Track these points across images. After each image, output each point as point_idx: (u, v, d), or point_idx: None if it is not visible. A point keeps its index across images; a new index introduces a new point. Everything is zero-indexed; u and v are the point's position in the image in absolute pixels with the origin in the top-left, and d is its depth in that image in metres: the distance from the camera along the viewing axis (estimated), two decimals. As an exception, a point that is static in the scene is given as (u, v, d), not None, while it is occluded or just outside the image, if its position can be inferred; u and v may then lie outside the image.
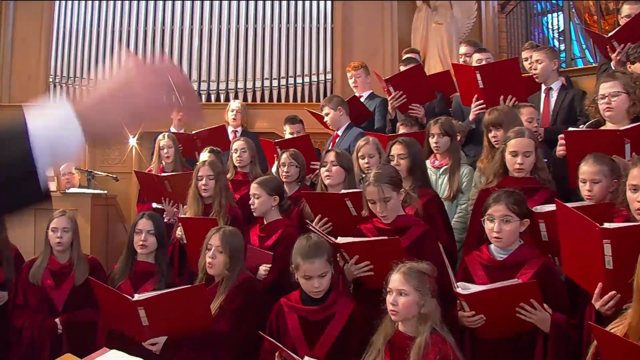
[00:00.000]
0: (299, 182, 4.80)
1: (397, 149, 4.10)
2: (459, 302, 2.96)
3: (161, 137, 5.68)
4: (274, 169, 5.17)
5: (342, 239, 3.39)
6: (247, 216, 4.52)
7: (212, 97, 7.85)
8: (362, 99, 5.96)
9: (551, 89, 5.03)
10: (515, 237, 3.14)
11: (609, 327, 2.44)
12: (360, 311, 3.22)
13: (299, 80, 7.75)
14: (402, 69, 5.91)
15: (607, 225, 2.65)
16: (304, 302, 3.24)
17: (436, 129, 4.45)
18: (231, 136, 6.51)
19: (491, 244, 3.19)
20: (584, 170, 3.35)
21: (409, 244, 3.39)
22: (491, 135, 4.17)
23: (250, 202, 4.24)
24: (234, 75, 7.85)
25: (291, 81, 7.77)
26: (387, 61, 7.59)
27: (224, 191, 4.51)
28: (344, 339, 3.15)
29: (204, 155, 5.17)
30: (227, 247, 3.54)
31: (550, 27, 8.00)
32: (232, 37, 7.94)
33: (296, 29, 7.88)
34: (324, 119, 5.56)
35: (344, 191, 4.00)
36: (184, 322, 3.29)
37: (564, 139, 3.76)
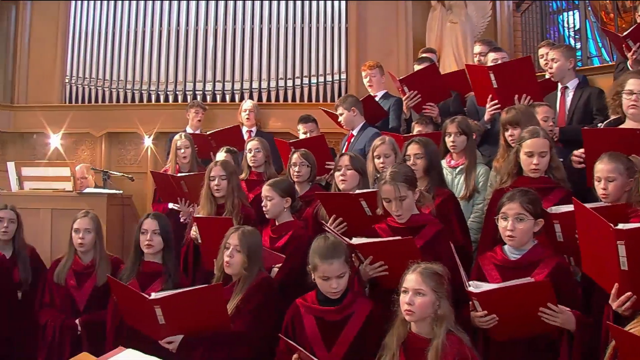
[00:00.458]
0: (310, 182, 4.80)
1: (413, 149, 4.09)
2: (471, 302, 2.94)
3: (178, 137, 5.69)
4: None
5: (356, 240, 3.38)
6: (261, 216, 4.52)
7: (227, 97, 7.86)
8: (377, 99, 5.95)
9: (567, 88, 4.99)
10: (528, 236, 3.12)
11: (627, 327, 2.43)
12: (378, 311, 3.20)
13: (314, 80, 7.74)
14: (416, 68, 5.89)
15: (621, 225, 2.62)
16: (320, 303, 3.22)
17: (453, 128, 4.43)
18: (246, 136, 6.54)
19: (505, 244, 3.17)
20: (599, 168, 3.34)
21: (423, 244, 3.38)
22: (508, 134, 4.15)
23: (262, 204, 4.24)
24: (249, 75, 7.86)
25: (305, 81, 7.76)
26: (402, 61, 7.56)
27: (237, 191, 4.51)
28: (362, 339, 3.13)
29: (221, 155, 5.17)
30: (245, 247, 3.54)
31: (565, 25, 7.94)
32: (246, 37, 7.95)
33: (310, 28, 7.87)
34: (338, 119, 5.55)
35: (358, 191, 3.99)
36: (201, 322, 3.29)
37: (579, 155, 3.75)
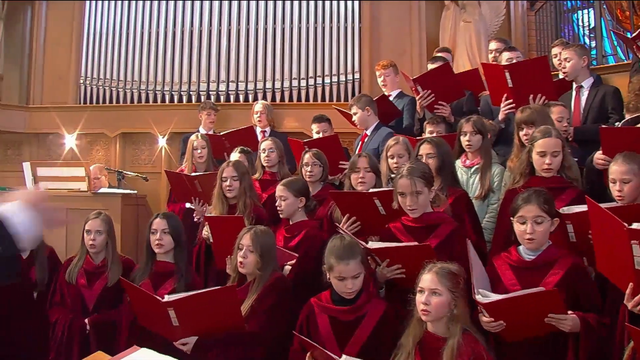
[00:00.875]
0: (322, 182, 4.80)
1: (425, 149, 4.09)
2: (479, 307, 2.94)
3: (194, 137, 5.71)
4: None
5: (373, 244, 3.38)
6: (274, 216, 4.53)
7: (241, 98, 7.87)
8: (391, 98, 5.94)
9: (582, 87, 4.97)
10: (547, 237, 3.10)
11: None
12: (392, 312, 3.20)
13: (327, 80, 7.74)
14: (430, 67, 5.88)
15: (635, 225, 2.60)
16: (334, 303, 3.23)
17: (469, 127, 4.41)
18: (260, 136, 6.54)
19: (519, 244, 3.15)
20: (614, 169, 3.31)
21: (438, 243, 3.37)
22: (522, 133, 4.13)
23: (276, 204, 4.25)
24: (262, 75, 7.87)
25: (319, 81, 7.77)
26: (415, 60, 7.55)
27: (249, 191, 4.52)
28: (375, 340, 3.13)
29: (234, 155, 5.19)
30: (258, 247, 3.54)
31: (580, 24, 7.87)
32: (260, 37, 7.97)
33: (324, 28, 7.88)
34: (352, 119, 5.55)
35: (372, 190, 3.99)
36: (214, 323, 3.29)
37: (603, 157, 3.73)
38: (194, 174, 5.15)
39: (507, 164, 4.31)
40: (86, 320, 4.11)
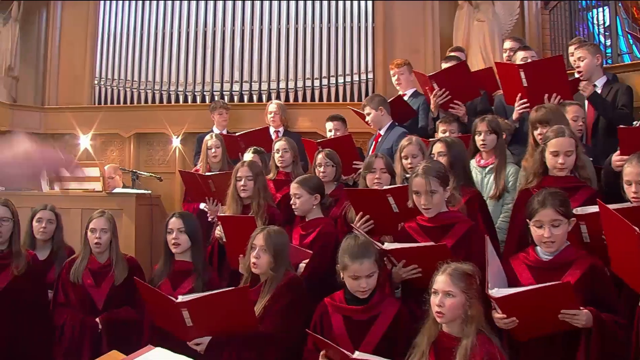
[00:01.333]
0: (336, 182, 4.81)
1: (437, 147, 4.11)
2: (493, 303, 2.93)
3: (209, 137, 5.73)
4: None
5: (388, 245, 3.38)
6: (288, 216, 4.54)
7: (254, 98, 7.88)
8: (406, 97, 5.93)
9: (595, 86, 4.93)
10: (565, 238, 3.07)
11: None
12: (406, 312, 3.20)
13: (341, 79, 7.73)
14: (443, 66, 5.86)
15: None
16: (348, 302, 3.23)
17: (483, 127, 4.41)
18: (273, 136, 6.55)
19: (536, 245, 3.14)
20: (629, 171, 3.28)
21: (454, 243, 3.36)
22: (537, 132, 4.10)
23: (291, 202, 4.25)
24: (276, 75, 7.87)
25: (333, 81, 7.75)
26: (429, 60, 7.52)
27: (263, 192, 4.52)
28: (389, 339, 3.13)
29: (248, 155, 5.20)
30: (271, 247, 3.54)
31: (595, 22, 7.81)
32: (273, 37, 7.97)
33: (337, 28, 7.86)
34: (366, 119, 5.54)
35: (386, 187, 3.98)
36: (228, 323, 3.29)
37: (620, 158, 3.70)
38: (207, 174, 5.16)
39: (521, 164, 4.29)
40: (97, 319, 4.11)
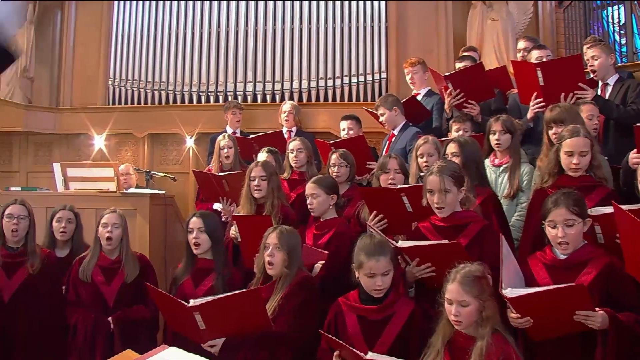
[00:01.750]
0: (350, 182, 4.80)
1: (450, 148, 4.09)
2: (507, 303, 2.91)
3: (221, 137, 5.75)
4: None
5: (402, 243, 3.36)
6: (302, 216, 4.53)
7: (267, 98, 7.90)
8: (420, 97, 5.92)
9: (607, 84, 4.90)
10: (580, 238, 3.05)
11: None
12: (420, 311, 3.19)
13: (354, 79, 7.73)
14: (457, 66, 5.84)
15: None
16: (362, 302, 3.22)
17: (498, 126, 4.39)
18: (286, 136, 6.55)
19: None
20: None
21: (468, 242, 3.34)
22: (552, 132, 4.08)
23: (308, 202, 4.25)
24: (289, 75, 7.88)
25: (346, 81, 7.76)
26: (442, 59, 7.51)
27: (276, 191, 4.51)
28: (404, 339, 3.12)
29: (262, 155, 5.20)
30: (285, 245, 3.55)
31: (610, 20, 7.76)
32: (286, 37, 7.99)
33: (350, 28, 7.87)
34: (380, 119, 5.53)
35: (399, 186, 3.98)
36: (241, 325, 3.30)
37: (635, 156, 3.67)
38: (221, 174, 5.17)
39: (536, 163, 4.26)
40: (110, 318, 4.12)
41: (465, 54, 6.28)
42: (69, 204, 4.72)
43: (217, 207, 5.23)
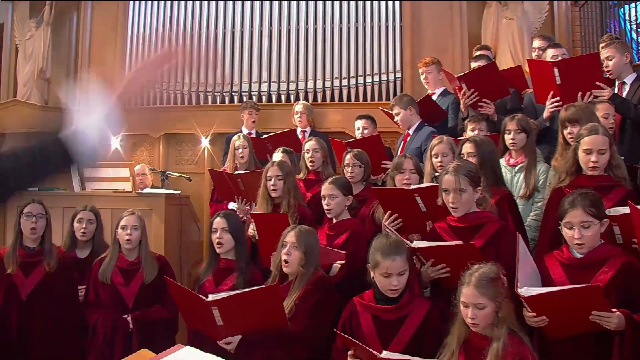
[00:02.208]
0: (364, 182, 4.80)
1: (466, 148, 4.06)
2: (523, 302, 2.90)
3: (236, 137, 5.75)
4: None
5: (417, 243, 3.36)
6: (317, 216, 4.54)
7: (282, 98, 7.89)
8: (435, 96, 5.89)
9: (624, 83, 4.85)
10: (597, 239, 3.03)
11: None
12: (435, 312, 3.19)
13: (369, 79, 7.71)
14: (472, 65, 5.81)
15: None
16: (377, 302, 3.22)
17: (513, 125, 4.37)
18: (300, 136, 6.56)
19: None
20: None
21: (484, 243, 3.33)
22: (567, 131, 4.05)
23: (325, 203, 4.25)
24: (304, 75, 7.88)
25: (361, 80, 7.73)
26: (457, 58, 7.47)
27: (293, 191, 4.53)
28: (419, 339, 3.12)
29: (277, 155, 5.21)
30: (302, 244, 3.57)
31: (627, 18, 7.69)
32: (301, 37, 7.97)
33: (365, 28, 7.84)
34: (395, 119, 5.52)
35: (413, 186, 3.97)
36: (258, 322, 3.30)
37: None
38: (237, 173, 5.19)
39: (551, 163, 4.24)
40: (128, 318, 4.16)
41: (479, 53, 6.24)
42: (89, 204, 4.75)
43: (232, 206, 5.25)
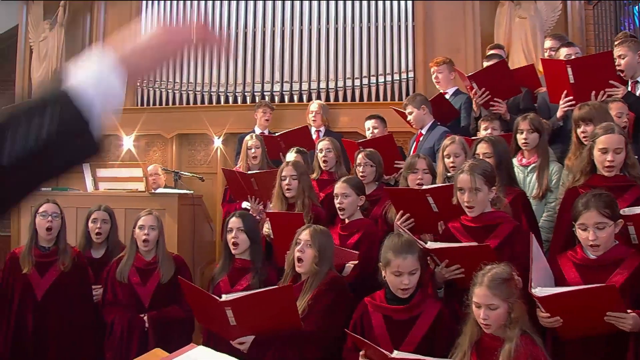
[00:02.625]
0: (377, 182, 4.79)
1: (482, 148, 4.03)
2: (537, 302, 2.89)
3: (249, 137, 5.75)
4: None
5: (432, 244, 3.36)
6: (330, 216, 4.54)
7: (295, 98, 7.89)
8: (447, 96, 5.87)
9: (637, 82, 4.81)
10: (611, 240, 3.01)
11: None
12: (447, 312, 3.18)
13: (381, 79, 7.67)
14: (485, 65, 5.79)
15: None
16: (389, 302, 3.23)
17: (526, 125, 4.34)
18: (314, 136, 6.55)
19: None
20: None
21: (498, 243, 3.31)
22: (580, 130, 4.02)
23: (338, 202, 4.25)
24: (316, 75, 7.87)
25: (373, 80, 7.70)
26: (470, 58, 7.42)
27: (307, 191, 4.54)
28: (430, 340, 3.12)
29: (291, 155, 5.22)
30: (317, 243, 3.57)
31: (641, 16, 7.65)
32: (313, 37, 7.96)
33: (377, 28, 7.82)
34: (407, 118, 5.51)
35: (425, 187, 3.97)
36: (271, 322, 3.30)
37: None
38: (250, 172, 5.20)
39: (564, 163, 4.21)
40: (145, 317, 4.19)
41: (492, 52, 6.22)
42: (103, 204, 4.78)
43: (245, 205, 5.26)
